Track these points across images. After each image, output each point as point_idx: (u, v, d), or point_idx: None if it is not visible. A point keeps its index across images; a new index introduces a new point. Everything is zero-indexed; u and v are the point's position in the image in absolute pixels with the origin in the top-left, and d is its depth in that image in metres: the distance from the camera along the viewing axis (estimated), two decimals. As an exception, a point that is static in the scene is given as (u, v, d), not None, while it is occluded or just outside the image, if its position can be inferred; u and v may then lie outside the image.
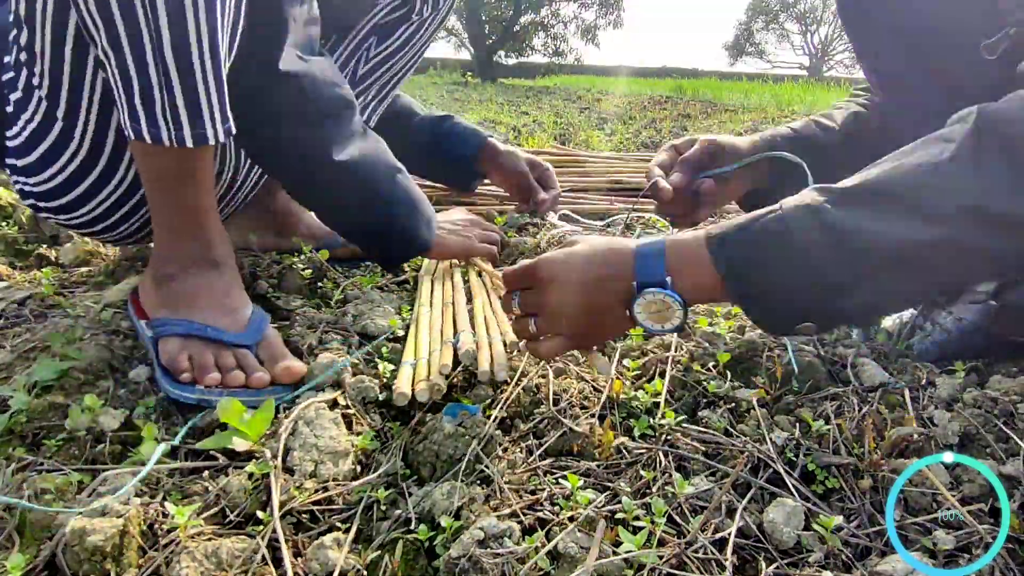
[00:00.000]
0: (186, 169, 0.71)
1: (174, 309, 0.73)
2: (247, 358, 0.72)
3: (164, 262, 0.75)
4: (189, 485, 0.55)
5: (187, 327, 0.71)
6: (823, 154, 0.93)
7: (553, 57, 17.30)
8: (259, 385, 0.69)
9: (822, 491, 0.57)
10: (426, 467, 0.58)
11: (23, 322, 0.81)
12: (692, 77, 13.80)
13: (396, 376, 0.71)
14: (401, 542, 0.49)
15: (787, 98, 6.20)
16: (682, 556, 0.48)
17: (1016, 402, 0.65)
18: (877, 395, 0.70)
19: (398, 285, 1.04)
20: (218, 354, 0.71)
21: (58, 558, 0.46)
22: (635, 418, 0.67)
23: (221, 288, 0.76)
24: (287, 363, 0.72)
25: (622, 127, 3.59)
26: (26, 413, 0.60)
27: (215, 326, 0.72)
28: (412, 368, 0.72)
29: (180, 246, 0.74)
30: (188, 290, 0.74)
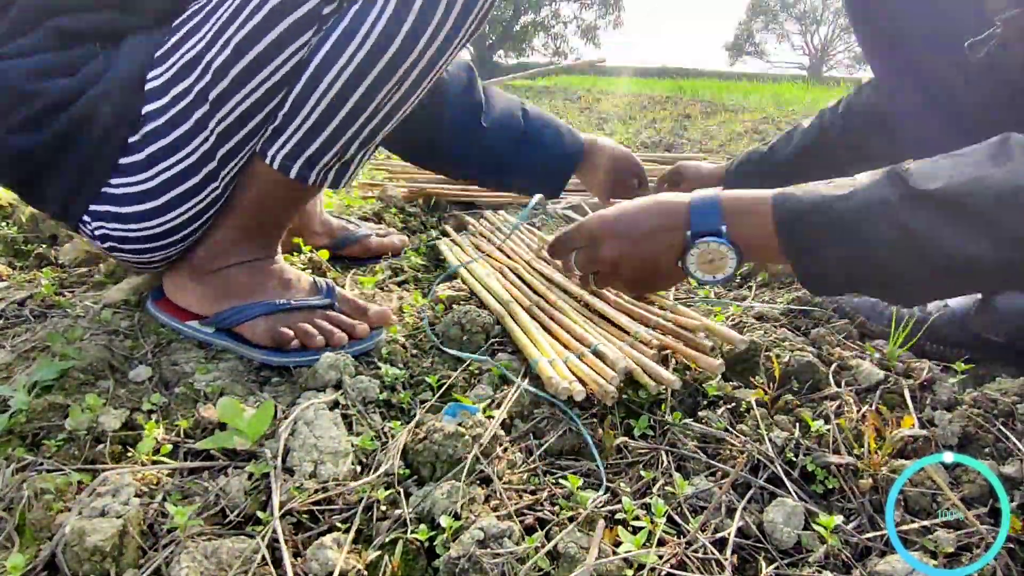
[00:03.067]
0: (299, 198, 0.80)
1: (238, 298, 0.77)
2: (338, 318, 0.79)
3: (213, 258, 0.78)
4: (189, 485, 0.55)
5: (270, 306, 0.76)
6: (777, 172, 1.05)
7: (553, 57, 17.30)
8: (364, 335, 0.77)
9: (822, 491, 0.57)
10: (426, 467, 0.58)
11: (23, 322, 0.81)
12: (692, 77, 13.79)
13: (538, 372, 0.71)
14: (401, 542, 0.49)
15: (787, 98, 6.20)
16: (682, 556, 0.48)
17: (1016, 402, 0.65)
18: (877, 395, 0.70)
19: (398, 285, 1.04)
20: (311, 319, 0.77)
21: (58, 558, 0.46)
22: (635, 418, 0.67)
23: (277, 268, 0.82)
24: (377, 309, 0.81)
25: (622, 127, 3.59)
26: (26, 413, 0.60)
27: (294, 298, 0.78)
28: (551, 366, 0.71)
29: (242, 247, 0.79)
30: (246, 278, 0.79)
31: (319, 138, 0.71)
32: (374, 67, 0.68)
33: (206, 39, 0.68)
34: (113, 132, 0.70)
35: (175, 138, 0.70)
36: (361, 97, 0.69)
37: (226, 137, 0.70)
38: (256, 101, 0.69)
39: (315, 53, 0.68)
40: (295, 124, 0.70)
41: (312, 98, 0.69)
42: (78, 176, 0.72)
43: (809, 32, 27.38)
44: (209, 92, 0.68)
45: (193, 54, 0.68)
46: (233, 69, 0.67)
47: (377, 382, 0.70)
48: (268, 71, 0.67)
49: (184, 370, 0.72)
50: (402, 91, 0.71)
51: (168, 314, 0.79)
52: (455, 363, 0.79)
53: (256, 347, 0.75)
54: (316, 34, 0.68)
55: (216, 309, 0.77)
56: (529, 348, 0.77)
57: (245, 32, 0.66)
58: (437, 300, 0.94)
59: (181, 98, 0.69)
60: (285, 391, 0.71)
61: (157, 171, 0.71)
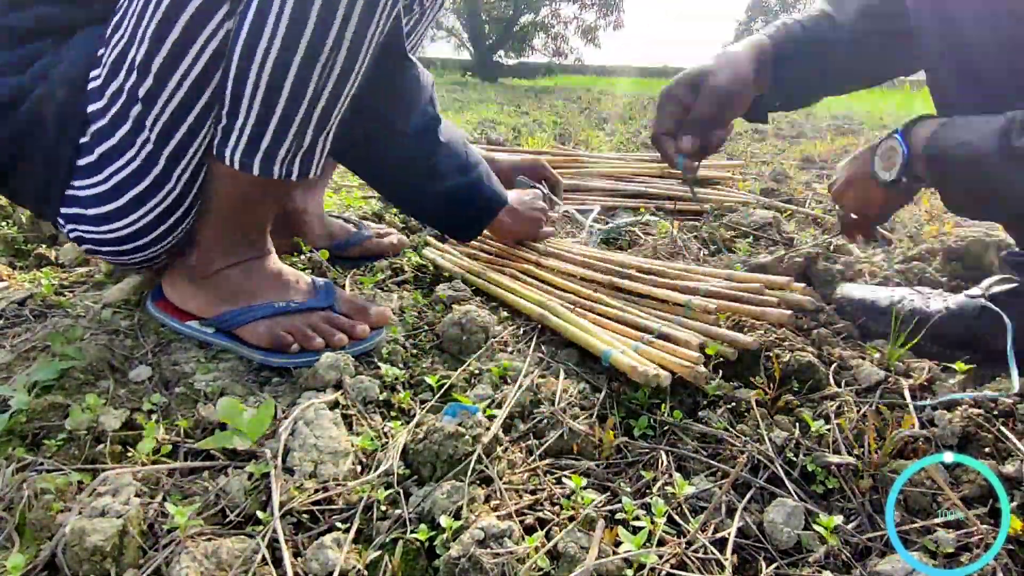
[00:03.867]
0: (274, 192, 0.77)
1: (238, 301, 0.77)
2: (338, 319, 0.79)
3: (209, 262, 0.78)
4: (189, 485, 0.55)
5: (269, 309, 0.76)
6: (831, 52, 0.91)
7: (553, 57, 17.29)
8: (364, 335, 0.78)
9: (822, 491, 0.57)
10: (426, 467, 0.58)
11: (23, 322, 0.81)
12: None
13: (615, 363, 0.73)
14: (401, 542, 0.49)
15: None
16: (682, 556, 0.48)
17: (1016, 402, 0.65)
18: (876, 395, 0.70)
19: (398, 285, 1.04)
20: (311, 322, 0.77)
21: (58, 558, 0.46)
22: (635, 418, 0.67)
23: (275, 270, 0.81)
24: (378, 309, 0.81)
25: (622, 127, 3.59)
26: (26, 413, 0.60)
27: (293, 300, 0.78)
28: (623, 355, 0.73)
29: (233, 247, 0.78)
30: (245, 280, 0.78)
31: (268, 130, 0.68)
32: (297, 48, 0.64)
33: (127, 35, 0.66)
34: (64, 133, 0.69)
35: (119, 139, 0.69)
36: (295, 82, 0.66)
37: (167, 135, 0.68)
38: (186, 94, 0.66)
39: (235, 43, 0.65)
40: (240, 120, 0.68)
41: (247, 92, 0.66)
42: (42, 177, 0.71)
43: (809, 32, 27.37)
44: (138, 90, 0.66)
45: (119, 51, 0.67)
46: (153, 63, 0.64)
47: (377, 382, 0.70)
48: (188, 60, 0.65)
49: (184, 370, 0.72)
50: (339, 67, 0.67)
51: (168, 314, 0.79)
52: (455, 363, 0.79)
53: (256, 348, 0.75)
54: (228, 17, 0.64)
55: (216, 312, 0.77)
56: (592, 341, 0.77)
57: (155, 23, 0.63)
58: (437, 300, 0.94)
59: (116, 97, 0.68)
60: (285, 391, 0.71)
61: (110, 172, 0.70)
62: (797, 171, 2.17)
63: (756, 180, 1.93)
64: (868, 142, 2.73)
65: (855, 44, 0.91)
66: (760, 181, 1.92)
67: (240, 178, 0.72)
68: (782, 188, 1.81)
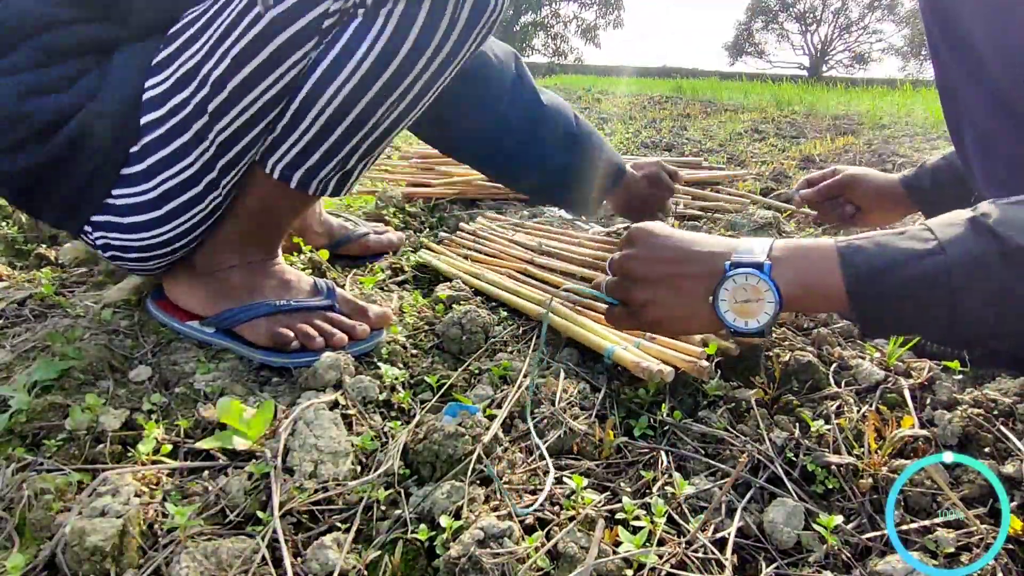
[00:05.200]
0: (300, 206, 0.80)
1: (238, 299, 0.77)
2: (339, 319, 0.79)
3: (215, 261, 0.78)
4: (189, 485, 0.55)
5: (270, 307, 0.76)
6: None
7: (553, 57, 17.30)
8: (364, 335, 0.78)
9: (822, 491, 0.57)
10: (426, 467, 0.58)
11: (23, 322, 0.81)
12: (692, 77, 13.79)
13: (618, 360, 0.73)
14: (401, 542, 0.49)
15: (787, 98, 6.19)
16: (682, 556, 0.48)
17: (1016, 402, 0.65)
18: (876, 395, 0.70)
19: (398, 285, 1.04)
20: (311, 321, 0.77)
21: (58, 558, 0.46)
22: (635, 418, 0.67)
23: (277, 269, 0.82)
24: (378, 310, 0.82)
25: (622, 127, 3.59)
26: (26, 413, 0.60)
27: (294, 299, 0.78)
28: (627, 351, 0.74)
29: (244, 250, 0.79)
30: (246, 279, 0.79)
31: (319, 151, 0.71)
32: (375, 83, 0.67)
33: (204, 50, 0.66)
34: (114, 146, 0.69)
35: (174, 149, 0.69)
36: (361, 112, 0.69)
37: (226, 147, 0.70)
38: (255, 113, 0.68)
39: (315, 67, 0.67)
40: (295, 136, 0.70)
41: (312, 112, 0.68)
42: (79, 191, 0.71)
43: (809, 32, 27.40)
44: (208, 104, 0.67)
45: (191, 65, 0.67)
46: (231, 81, 0.66)
47: (377, 382, 0.70)
48: (267, 83, 0.66)
49: (184, 370, 0.72)
50: (403, 106, 0.71)
51: (168, 314, 0.79)
52: (455, 363, 0.79)
53: (256, 348, 0.75)
54: (316, 47, 0.66)
55: (216, 310, 0.77)
56: (593, 339, 0.78)
57: (243, 44, 0.64)
58: (437, 300, 0.94)
59: (179, 109, 0.68)
60: (285, 391, 0.71)
61: (158, 182, 0.70)
62: (797, 171, 2.17)
63: (756, 180, 1.93)
64: (868, 142, 2.73)
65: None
66: (760, 181, 1.92)
67: (272, 188, 0.74)
68: (782, 188, 1.81)
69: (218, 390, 0.68)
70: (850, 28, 26.28)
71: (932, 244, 0.52)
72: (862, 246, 0.54)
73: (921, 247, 0.52)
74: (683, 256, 0.60)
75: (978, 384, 0.73)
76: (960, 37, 0.76)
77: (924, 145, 2.84)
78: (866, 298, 0.54)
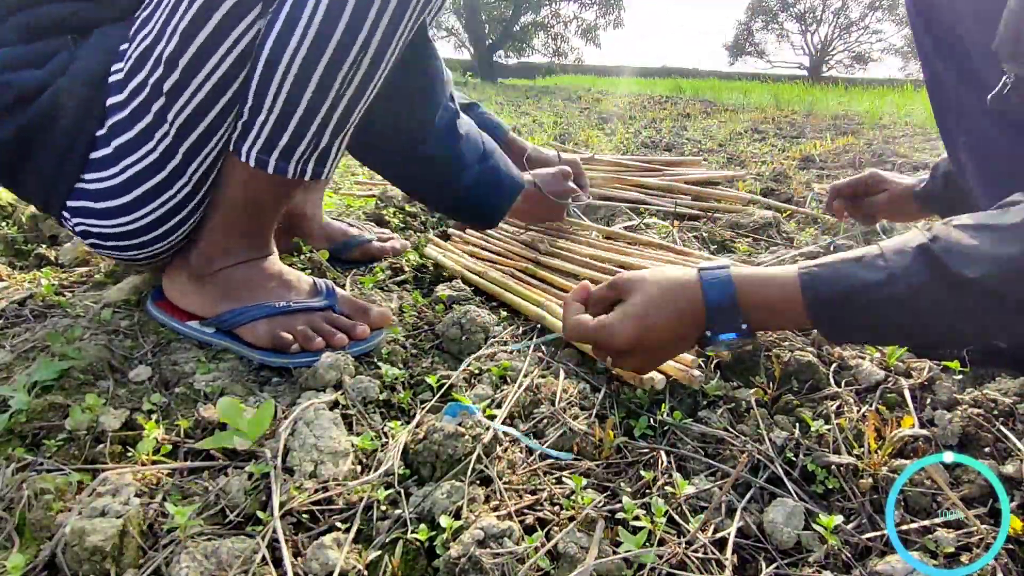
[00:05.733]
0: (284, 193, 0.78)
1: (238, 300, 0.77)
2: (339, 319, 0.79)
3: (210, 261, 0.78)
4: (189, 485, 0.55)
5: (270, 309, 0.76)
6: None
7: (553, 57, 17.30)
8: (364, 335, 0.77)
9: (822, 491, 0.57)
10: (426, 467, 0.58)
11: (23, 322, 0.81)
12: (692, 77, 13.79)
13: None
14: (401, 542, 0.49)
15: (787, 98, 6.19)
16: (682, 556, 0.48)
17: (1016, 402, 0.65)
18: (876, 395, 0.70)
19: (398, 285, 1.04)
20: (311, 321, 0.77)
21: (58, 558, 0.46)
22: (635, 418, 0.67)
23: (276, 269, 0.81)
24: (378, 310, 0.81)
25: (622, 127, 3.59)
26: (26, 413, 0.60)
27: (294, 300, 0.78)
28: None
29: (236, 247, 0.79)
30: (245, 280, 0.79)
31: (288, 128, 0.70)
32: (325, 50, 0.66)
33: (155, 30, 0.67)
34: (80, 125, 0.70)
35: (137, 132, 0.70)
36: (320, 82, 0.67)
37: (186, 130, 0.69)
38: (211, 90, 0.68)
39: (264, 41, 0.67)
40: (262, 117, 0.69)
41: (271, 89, 0.67)
42: (52, 169, 0.71)
43: (809, 32, 27.39)
44: (163, 84, 0.67)
45: (145, 45, 0.68)
46: (182, 58, 0.66)
47: (377, 382, 0.70)
48: (217, 57, 0.66)
49: (184, 370, 0.72)
50: (362, 71, 0.69)
51: (168, 314, 0.79)
52: (455, 363, 0.79)
53: (256, 348, 0.75)
54: (261, 16, 0.66)
55: (216, 311, 0.77)
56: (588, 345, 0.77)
57: (189, 18, 0.65)
58: (437, 300, 0.94)
59: (139, 91, 0.69)
60: (285, 391, 0.71)
61: (124, 166, 0.71)
62: (797, 171, 2.17)
63: (756, 180, 1.93)
64: (868, 142, 2.72)
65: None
66: (760, 181, 1.92)
67: (252, 176, 0.73)
68: (782, 188, 1.81)
69: (218, 390, 0.68)
70: (850, 28, 26.29)
71: (883, 274, 0.56)
72: (820, 275, 0.59)
73: (873, 276, 0.56)
74: (668, 342, 0.66)
75: (978, 384, 0.73)
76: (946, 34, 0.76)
77: (924, 145, 2.84)
78: (825, 322, 0.59)
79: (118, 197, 0.72)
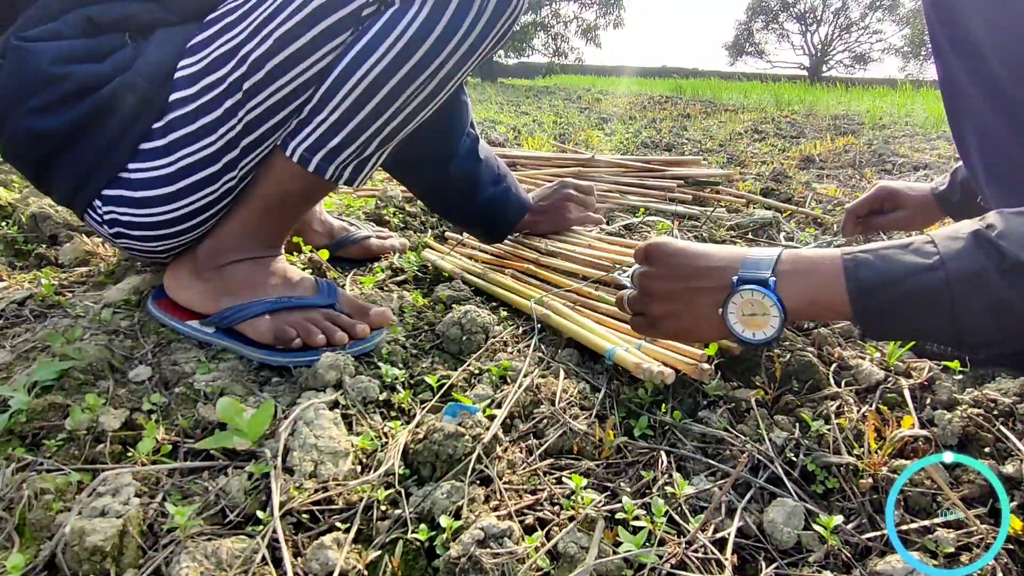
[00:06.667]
0: (313, 194, 0.81)
1: (239, 296, 0.78)
2: (340, 317, 0.79)
3: (219, 255, 0.79)
4: (189, 485, 0.55)
5: (271, 304, 0.77)
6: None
7: (554, 57, 17.30)
8: (365, 335, 0.78)
9: (822, 491, 0.57)
10: (426, 467, 0.58)
11: (23, 322, 0.81)
12: (692, 77, 13.80)
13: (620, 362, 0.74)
14: (401, 542, 0.49)
15: (787, 98, 6.19)
16: (682, 556, 0.48)
17: (1016, 402, 0.65)
18: (876, 395, 0.70)
19: (398, 285, 1.04)
20: (312, 318, 0.78)
21: (58, 558, 0.46)
22: (635, 418, 0.67)
23: (280, 268, 0.82)
24: (379, 310, 0.82)
25: (622, 127, 3.59)
26: (26, 413, 0.60)
27: (295, 296, 0.79)
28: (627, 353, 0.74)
29: (249, 244, 0.80)
30: (248, 276, 0.79)
31: (341, 133, 0.73)
32: (402, 67, 0.70)
33: (246, 32, 0.70)
34: (138, 119, 0.71)
35: (200, 126, 0.72)
36: (387, 95, 0.72)
37: (252, 127, 0.72)
38: (287, 94, 0.71)
39: (347, 51, 0.71)
40: (320, 118, 0.72)
41: (339, 94, 0.71)
42: (95, 161, 0.73)
43: (809, 32, 27.38)
44: (243, 82, 0.70)
45: (231, 46, 0.70)
46: (270, 62, 0.69)
47: (377, 382, 0.70)
48: (303, 66, 0.70)
49: (184, 370, 0.72)
50: (426, 92, 0.74)
51: (168, 314, 0.79)
52: (455, 363, 0.79)
53: (257, 346, 0.75)
54: (353, 34, 0.71)
55: (217, 306, 0.77)
56: (594, 340, 0.78)
57: (287, 28, 0.68)
58: (437, 300, 0.94)
59: (213, 87, 0.71)
60: (285, 391, 0.71)
61: (177, 157, 0.72)
62: (797, 171, 2.17)
63: (756, 180, 1.93)
64: (868, 142, 2.72)
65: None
66: (760, 181, 1.92)
67: (289, 172, 0.75)
68: (782, 188, 1.81)
69: (218, 390, 0.68)
70: (850, 28, 26.27)
71: (934, 259, 0.53)
72: (866, 259, 0.55)
73: (923, 262, 0.53)
74: (694, 272, 0.63)
75: (978, 384, 0.73)
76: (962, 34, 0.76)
77: (924, 145, 2.84)
78: (869, 311, 0.55)
79: (161, 187, 0.73)
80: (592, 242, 1.15)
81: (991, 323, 0.52)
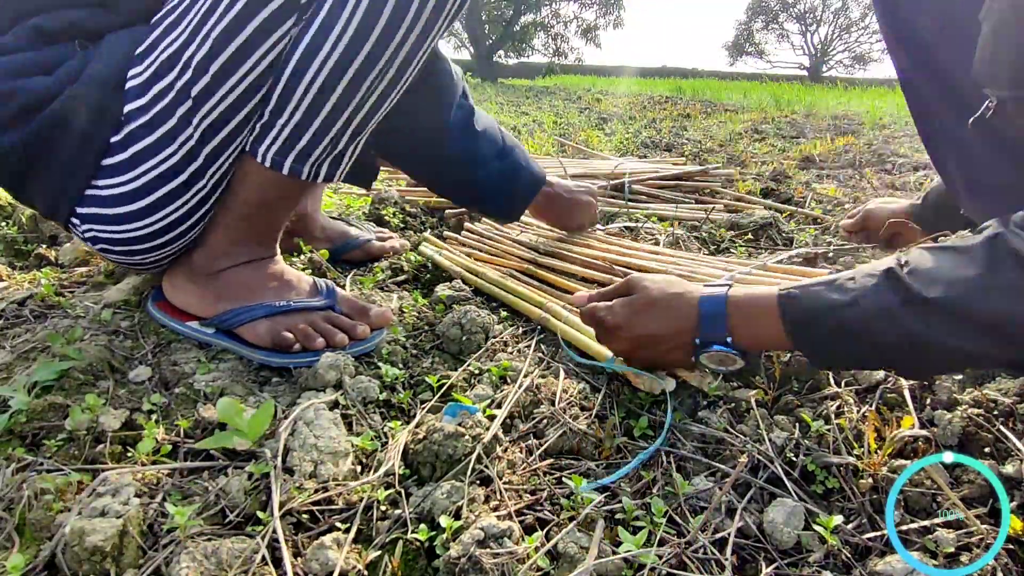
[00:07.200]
0: (295, 194, 0.78)
1: (238, 299, 0.77)
2: (339, 319, 0.79)
3: (213, 261, 0.78)
4: (189, 485, 0.55)
5: (270, 308, 0.76)
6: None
7: (554, 57, 17.30)
8: (365, 335, 0.77)
9: (822, 491, 0.57)
10: (426, 467, 0.58)
11: (23, 322, 0.81)
12: (692, 77, 13.80)
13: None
14: (401, 542, 0.49)
15: (787, 98, 6.19)
16: (682, 556, 0.48)
17: (1016, 402, 0.65)
18: (876, 395, 0.70)
19: (398, 285, 1.04)
20: (311, 321, 0.77)
21: (58, 558, 0.46)
22: (635, 418, 0.67)
23: (278, 270, 0.82)
24: (378, 310, 0.81)
25: (622, 127, 3.59)
26: (26, 413, 0.60)
27: (294, 299, 0.78)
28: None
29: (241, 248, 0.79)
30: (246, 280, 0.78)
31: (308, 132, 0.70)
32: (356, 57, 0.67)
33: (185, 34, 0.67)
34: (93, 132, 0.69)
35: (159, 136, 0.69)
36: (346, 88, 0.68)
37: (210, 133, 0.69)
38: (239, 95, 0.68)
39: (296, 46, 0.67)
40: (283, 119, 0.69)
41: (297, 92, 0.68)
42: (61, 177, 0.71)
43: (809, 32, 27.38)
44: (191, 88, 0.67)
45: (173, 50, 0.67)
46: (214, 64, 0.66)
47: (377, 382, 0.70)
48: (249, 64, 0.66)
49: (184, 370, 0.72)
50: (388, 78, 0.70)
51: (168, 315, 0.79)
52: (455, 363, 0.79)
53: (256, 348, 0.75)
54: (296, 25, 0.67)
55: (216, 311, 0.77)
56: (595, 347, 0.77)
57: (224, 25, 0.65)
58: (437, 300, 0.94)
59: (163, 95, 0.68)
60: (285, 391, 0.71)
61: (142, 171, 0.70)
62: (797, 171, 2.17)
63: (756, 180, 1.93)
64: (868, 143, 2.72)
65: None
66: (760, 181, 1.92)
67: (264, 178, 0.73)
68: (782, 188, 1.81)
69: (218, 390, 0.68)
70: (850, 28, 26.26)
71: (851, 295, 0.58)
72: (796, 297, 0.61)
73: (840, 298, 0.58)
74: (660, 335, 0.68)
75: (978, 384, 0.73)
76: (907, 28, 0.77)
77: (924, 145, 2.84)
78: (805, 344, 0.61)
79: (132, 203, 0.71)
80: (592, 242, 1.15)
81: (909, 354, 0.57)
